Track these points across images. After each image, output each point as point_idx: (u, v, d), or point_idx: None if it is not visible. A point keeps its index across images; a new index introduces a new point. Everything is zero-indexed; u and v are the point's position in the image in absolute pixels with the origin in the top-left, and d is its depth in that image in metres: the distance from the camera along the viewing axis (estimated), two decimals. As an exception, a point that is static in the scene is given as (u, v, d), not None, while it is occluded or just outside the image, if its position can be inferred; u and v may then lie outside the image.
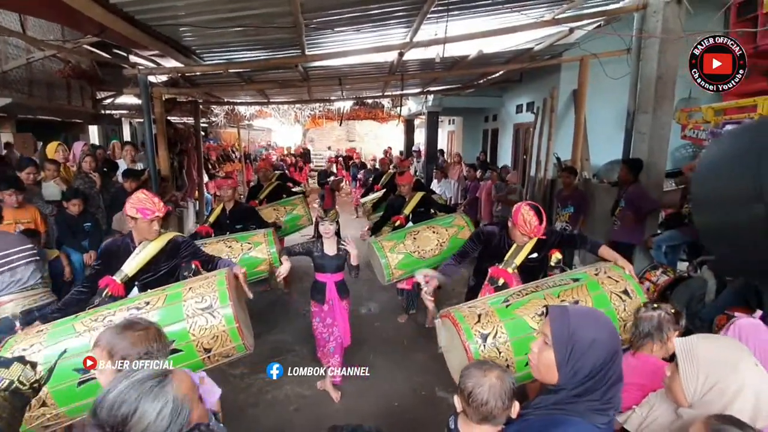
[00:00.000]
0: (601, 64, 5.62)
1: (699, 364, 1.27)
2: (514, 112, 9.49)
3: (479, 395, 1.35)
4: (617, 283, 2.44)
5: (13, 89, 5.52)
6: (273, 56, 5.26)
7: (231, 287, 2.24)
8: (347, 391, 3.58)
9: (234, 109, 12.63)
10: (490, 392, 1.34)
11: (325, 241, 3.45)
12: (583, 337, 1.19)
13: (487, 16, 4.70)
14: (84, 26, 3.98)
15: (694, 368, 1.28)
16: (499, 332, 2.16)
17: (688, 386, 1.28)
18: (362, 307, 5.29)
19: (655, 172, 4.64)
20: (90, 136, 8.41)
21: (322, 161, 19.81)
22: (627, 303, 2.36)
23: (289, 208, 5.64)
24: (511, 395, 1.36)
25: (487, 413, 1.34)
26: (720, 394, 1.23)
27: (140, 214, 2.50)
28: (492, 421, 1.36)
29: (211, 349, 2.12)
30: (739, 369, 1.23)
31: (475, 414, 1.36)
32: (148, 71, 5.18)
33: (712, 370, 1.26)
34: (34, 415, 1.97)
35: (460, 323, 2.17)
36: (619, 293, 2.39)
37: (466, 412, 1.40)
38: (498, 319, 2.20)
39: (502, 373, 1.40)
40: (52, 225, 4.24)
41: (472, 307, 2.30)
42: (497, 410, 1.34)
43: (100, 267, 2.58)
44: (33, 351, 2.01)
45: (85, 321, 2.12)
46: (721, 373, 1.24)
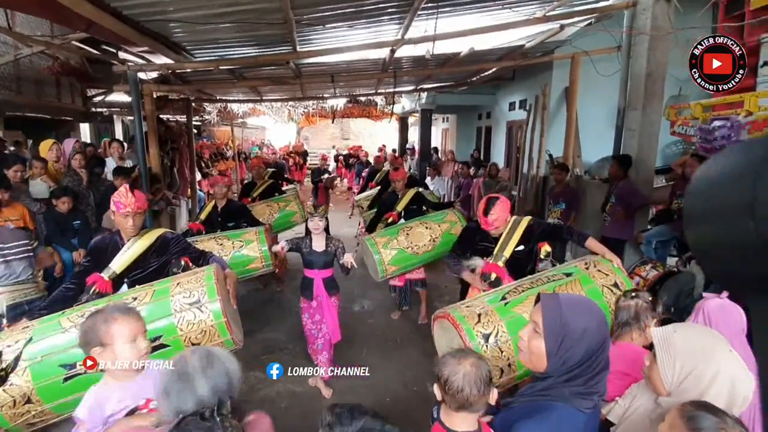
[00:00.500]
0: (592, 61, 5.65)
1: (675, 353, 1.29)
2: (507, 109, 9.53)
3: (454, 382, 1.35)
4: (607, 276, 2.49)
5: (0, 86, 5.46)
6: (264, 53, 5.23)
7: (219, 283, 2.24)
8: (339, 387, 3.58)
9: (227, 106, 12.57)
10: (465, 379, 1.34)
11: (314, 237, 3.46)
12: (575, 327, 1.19)
13: (478, 13, 4.70)
14: (71, 22, 3.93)
15: (670, 357, 1.30)
16: (500, 331, 2.16)
17: (666, 375, 1.30)
18: (355, 304, 5.28)
19: (644, 168, 4.68)
20: (81, 134, 8.34)
21: (317, 160, 19.75)
22: (617, 295, 2.40)
23: (283, 205, 5.63)
24: (488, 382, 1.36)
25: (463, 400, 1.34)
26: (696, 382, 1.25)
27: (115, 207, 2.49)
28: (469, 409, 1.36)
29: (200, 343, 2.11)
30: (715, 356, 1.25)
31: (452, 401, 1.37)
32: (138, 68, 5.13)
33: (688, 357, 1.27)
34: (19, 412, 1.95)
35: (461, 324, 2.15)
36: (610, 286, 2.45)
37: (444, 400, 1.41)
38: (498, 317, 2.20)
39: (477, 360, 1.40)
40: (41, 223, 4.20)
41: (470, 307, 2.29)
42: (473, 397, 1.34)
43: (89, 264, 2.55)
44: (18, 347, 1.99)
45: (72, 317, 2.12)
46: (697, 360, 1.26)
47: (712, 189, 2.35)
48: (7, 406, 1.93)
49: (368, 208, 6.21)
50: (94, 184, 4.73)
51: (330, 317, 3.47)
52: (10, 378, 1.94)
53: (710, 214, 2.17)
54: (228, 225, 4.55)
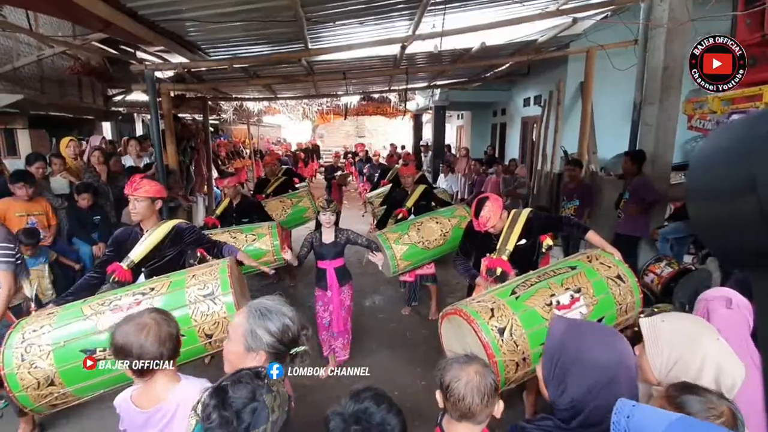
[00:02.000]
0: (608, 55, 5.55)
1: (662, 342, 1.30)
2: (521, 105, 9.43)
3: (456, 390, 1.26)
4: (610, 268, 2.50)
5: (24, 86, 5.64)
6: (276, 51, 5.29)
7: (233, 276, 2.30)
8: (347, 380, 3.61)
9: (242, 105, 12.73)
10: (467, 387, 1.25)
11: (323, 231, 3.61)
12: (571, 350, 1.13)
13: (489, 8, 4.66)
14: (88, 22, 4.04)
15: (658, 346, 1.30)
16: (514, 325, 2.13)
17: (654, 364, 1.31)
18: (366, 299, 5.32)
19: (661, 164, 4.58)
20: (103, 132, 8.58)
21: (332, 158, 19.84)
22: (622, 287, 2.44)
23: (295, 201, 5.69)
24: (492, 392, 1.27)
25: (465, 410, 1.25)
26: (684, 369, 1.25)
27: None
28: (472, 420, 1.27)
29: (212, 334, 2.17)
30: (701, 344, 1.25)
31: (454, 410, 1.28)
32: (155, 67, 5.25)
33: (675, 346, 1.28)
34: (42, 393, 2.05)
35: (476, 319, 2.11)
36: (614, 278, 2.46)
37: (446, 408, 1.33)
38: (511, 311, 2.18)
39: (482, 368, 1.31)
40: (62, 218, 4.36)
41: (481, 302, 2.27)
42: (476, 407, 1.25)
43: (111, 254, 2.69)
44: (43, 332, 2.09)
45: (92, 305, 2.21)
46: (684, 349, 1.27)
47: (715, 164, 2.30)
48: (32, 387, 2.03)
49: (380, 204, 6.25)
50: (110, 179, 4.87)
51: (336, 308, 3.60)
52: (36, 361, 2.03)
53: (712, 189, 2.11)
54: (243, 221, 4.65)
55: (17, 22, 5.39)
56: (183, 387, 1.48)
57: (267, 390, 1.07)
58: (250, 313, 1.37)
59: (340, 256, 3.66)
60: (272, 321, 1.37)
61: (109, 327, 1.97)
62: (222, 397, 1.03)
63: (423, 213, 4.57)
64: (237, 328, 1.37)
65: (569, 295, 2.29)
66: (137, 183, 2.65)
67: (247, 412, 1.01)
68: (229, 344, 1.40)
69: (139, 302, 2.16)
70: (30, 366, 2.02)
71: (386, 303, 5.28)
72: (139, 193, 2.63)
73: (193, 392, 1.40)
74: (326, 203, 3.67)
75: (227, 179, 5.04)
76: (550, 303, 2.23)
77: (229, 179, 4.99)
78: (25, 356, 2.03)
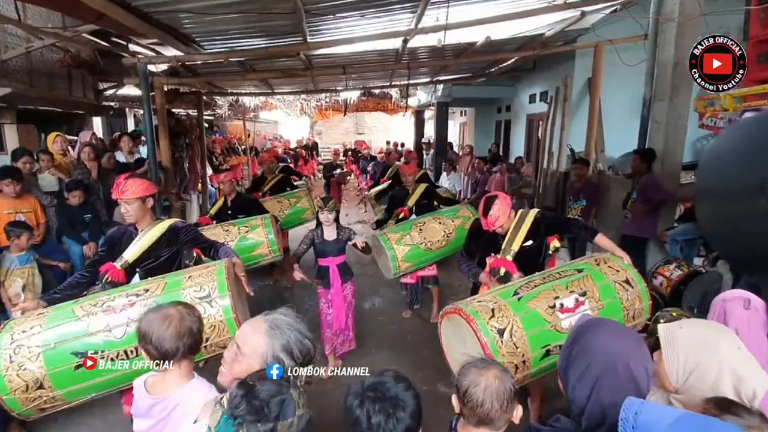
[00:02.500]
0: (617, 50, 5.41)
1: (679, 349, 1.27)
2: (527, 102, 9.25)
3: (474, 395, 1.25)
4: (618, 272, 2.45)
5: (12, 79, 5.45)
6: (274, 44, 5.14)
7: (230, 278, 2.25)
8: (348, 382, 3.48)
9: (238, 100, 12.53)
10: (486, 393, 1.24)
11: (325, 228, 3.62)
12: (582, 341, 1.11)
13: (495, 0, 4.51)
14: (80, 13, 3.90)
15: (674, 353, 1.27)
16: (515, 326, 2.10)
17: (671, 371, 1.27)
18: (366, 302, 5.20)
19: (671, 162, 4.46)
20: (94, 127, 8.37)
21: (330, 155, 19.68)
22: (630, 292, 2.38)
23: (293, 201, 5.55)
24: (511, 397, 1.26)
25: (484, 416, 1.24)
26: (701, 377, 1.21)
27: None
28: (490, 426, 1.26)
29: (208, 338, 2.10)
30: (718, 351, 1.21)
31: (471, 416, 1.27)
32: (148, 60, 5.10)
33: (692, 353, 1.24)
34: (31, 396, 1.99)
35: (475, 319, 2.08)
36: (622, 282, 2.40)
37: (463, 413, 1.31)
38: (512, 312, 2.14)
39: (500, 372, 1.29)
40: (51, 215, 4.21)
41: (482, 302, 2.23)
42: (494, 413, 1.23)
43: (104, 254, 2.62)
44: (33, 333, 2.02)
45: (85, 306, 2.14)
46: (700, 356, 1.23)
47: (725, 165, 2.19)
48: (20, 390, 1.96)
49: (375, 200, 6.24)
50: (101, 176, 4.71)
51: (337, 306, 3.62)
52: (24, 363, 1.96)
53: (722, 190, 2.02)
54: (238, 217, 4.51)
55: (5, 12, 5.21)
56: (189, 387, 1.46)
57: (293, 386, 1.10)
58: (273, 336, 1.28)
59: (342, 252, 3.67)
60: (295, 345, 1.30)
61: (104, 327, 2.03)
62: (250, 389, 1.07)
63: (425, 212, 4.46)
64: (256, 348, 1.27)
65: (574, 299, 2.26)
66: (123, 185, 2.53)
67: (276, 402, 1.04)
68: (242, 361, 1.27)
69: (133, 303, 2.12)
70: (19, 368, 1.96)
71: (386, 305, 5.16)
72: (127, 195, 2.52)
73: (196, 397, 1.39)
74: (323, 202, 3.63)
75: (223, 174, 4.93)
76: (554, 306, 2.19)
77: (225, 174, 4.88)
78: (13, 358, 1.96)
